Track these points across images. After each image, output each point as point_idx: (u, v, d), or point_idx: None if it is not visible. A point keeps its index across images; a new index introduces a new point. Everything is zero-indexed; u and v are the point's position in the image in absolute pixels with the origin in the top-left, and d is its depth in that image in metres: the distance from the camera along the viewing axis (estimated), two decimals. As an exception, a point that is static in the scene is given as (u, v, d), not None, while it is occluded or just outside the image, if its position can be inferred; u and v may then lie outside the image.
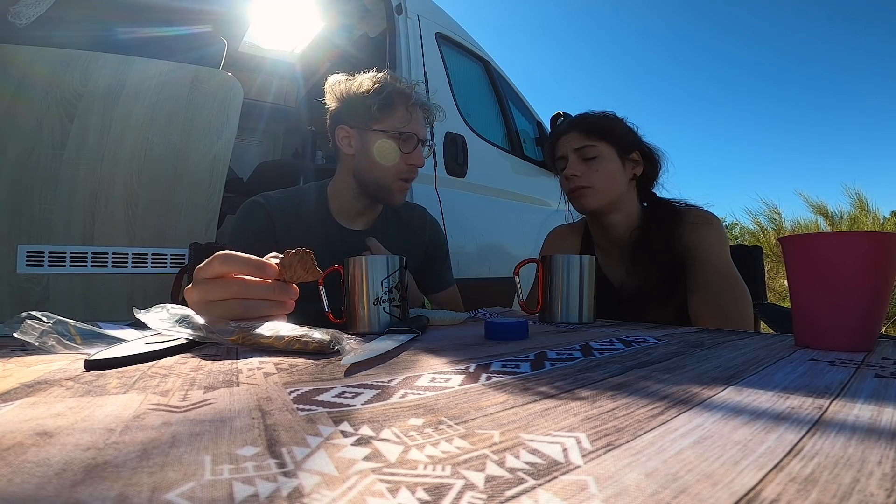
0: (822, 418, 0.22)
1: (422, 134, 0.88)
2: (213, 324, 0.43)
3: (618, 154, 0.92)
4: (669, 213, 0.92)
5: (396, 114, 0.86)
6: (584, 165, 0.92)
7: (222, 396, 0.26)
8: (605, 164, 0.91)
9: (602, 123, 0.94)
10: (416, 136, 0.87)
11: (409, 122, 0.86)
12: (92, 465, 0.16)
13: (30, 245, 1.18)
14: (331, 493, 0.14)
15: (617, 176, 0.92)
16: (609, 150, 0.92)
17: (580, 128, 0.94)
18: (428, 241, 1.05)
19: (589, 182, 0.91)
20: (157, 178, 1.30)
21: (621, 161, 0.92)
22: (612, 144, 0.92)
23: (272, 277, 0.50)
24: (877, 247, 0.42)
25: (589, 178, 0.91)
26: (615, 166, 0.92)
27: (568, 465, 0.17)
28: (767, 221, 5.09)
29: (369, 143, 0.87)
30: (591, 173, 0.91)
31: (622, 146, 0.93)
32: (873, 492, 0.15)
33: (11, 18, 1.29)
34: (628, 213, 0.94)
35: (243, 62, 2.59)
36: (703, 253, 0.85)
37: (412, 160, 0.87)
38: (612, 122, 0.95)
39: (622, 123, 0.96)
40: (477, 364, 0.37)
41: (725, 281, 0.83)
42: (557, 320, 0.71)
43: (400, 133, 0.86)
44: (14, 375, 0.31)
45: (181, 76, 1.35)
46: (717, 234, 0.87)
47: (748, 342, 0.49)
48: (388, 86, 0.86)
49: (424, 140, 0.88)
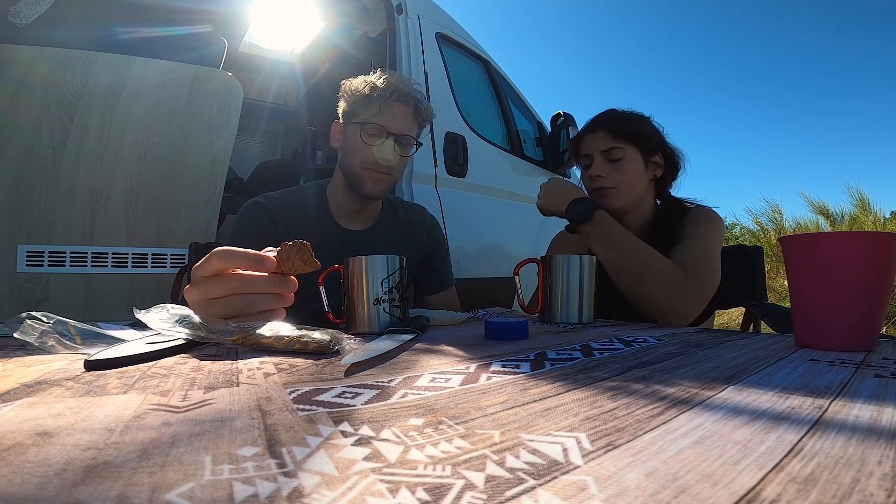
0: (822, 418, 0.22)
1: (394, 128, 0.87)
2: (212, 324, 0.43)
3: (642, 156, 0.94)
4: (679, 212, 0.94)
5: (371, 107, 0.87)
6: (610, 167, 0.93)
7: (222, 396, 0.26)
8: (630, 166, 0.93)
9: (630, 125, 0.95)
10: (385, 129, 0.86)
11: (377, 115, 0.87)
12: (92, 466, 0.16)
13: (30, 245, 1.18)
14: (331, 493, 0.14)
15: (640, 177, 0.94)
16: (634, 152, 0.93)
17: (608, 128, 0.94)
18: (427, 241, 1.04)
19: (613, 183, 0.93)
20: (157, 177, 1.30)
21: (644, 163, 0.94)
22: (638, 146, 0.94)
23: (271, 270, 0.50)
24: (877, 247, 0.42)
25: (613, 179, 0.93)
26: (639, 168, 0.94)
27: (568, 465, 0.17)
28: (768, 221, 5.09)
29: (348, 135, 0.91)
30: (616, 175, 0.93)
31: (647, 148, 0.94)
32: (873, 492, 0.15)
33: (11, 18, 1.29)
34: (643, 212, 0.97)
35: (243, 62, 2.59)
36: (693, 238, 0.87)
37: (378, 152, 0.87)
38: (639, 123, 0.96)
39: (648, 124, 0.97)
40: (477, 364, 0.37)
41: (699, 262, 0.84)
42: (557, 320, 0.71)
43: (364, 123, 0.87)
44: (14, 375, 0.31)
45: (181, 76, 1.34)
46: (713, 230, 0.89)
47: (748, 342, 0.49)
48: (374, 83, 0.88)
49: (398, 135, 0.88)
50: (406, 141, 0.90)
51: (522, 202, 2.16)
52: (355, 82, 0.90)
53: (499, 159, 2.07)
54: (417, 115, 0.91)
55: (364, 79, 0.89)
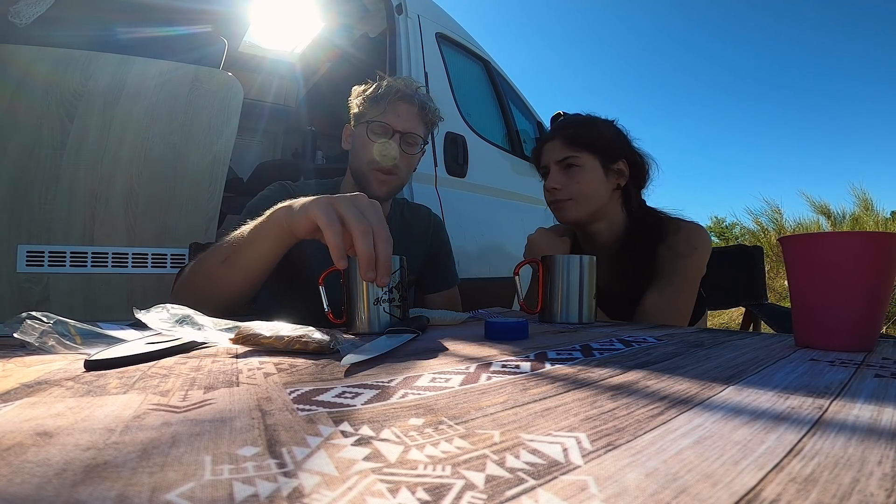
0: (822, 418, 0.22)
1: (399, 126, 0.88)
2: (214, 323, 0.43)
3: (601, 164, 0.89)
4: (654, 226, 0.89)
5: (377, 107, 0.90)
6: (566, 177, 0.89)
7: (222, 396, 0.26)
8: (586, 175, 0.88)
9: (586, 132, 0.90)
10: (391, 126, 0.88)
11: (382, 113, 0.89)
12: (92, 465, 0.16)
13: (30, 245, 1.17)
14: (331, 493, 0.14)
15: (598, 187, 0.89)
16: (592, 161, 0.89)
17: (563, 136, 0.90)
18: (431, 241, 1.06)
19: (569, 195, 0.89)
20: (157, 177, 1.30)
21: (604, 171, 0.89)
22: (596, 154, 0.89)
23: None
24: (877, 247, 0.42)
25: (569, 190, 0.89)
26: (597, 177, 0.89)
27: (568, 465, 0.17)
28: (768, 221, 5.09)
29: (356, 136, 0.93)
30: (572, 185, 0.88)
31: (607, 155, 0.89)
32: (873, 492, 0.15)
33: (11, 18, 1.29)
34: (612, 221, 0.92)
35: (243, 62, 2.59)
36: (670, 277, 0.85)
37: (383, 149, 0.88)
38: (597, 129, 0.91)
39: (609, 129, 0.92)
40: (477, 364, 0.37)
41: (673, 311, 0.84)
42: (557, 320, 0.71)
43: (369, 122, 0.89)
44: (14, 375, 0.31)
45: (181, 76, 1.34)
46: (693, 266, 0.86)
47: (748, 342, 0.49)
48: (381, 85, 0.91)
49: (403, 133, 0.89)
50: (412, 139, 0.91)
51: (522, 202, 2.15)
52: (364, 86, 0.93)
53: (499, 159, 2.07)
54: (423, 115, 0.92)
55: (371, 82, 0.93)
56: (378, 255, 0.51)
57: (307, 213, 0.54)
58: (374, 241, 0.51)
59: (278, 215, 0.59)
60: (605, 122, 0.93)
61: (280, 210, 0.59)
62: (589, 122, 0.93)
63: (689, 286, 0.86)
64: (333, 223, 0.51)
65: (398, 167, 0.90)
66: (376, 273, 0.51)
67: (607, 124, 0.93)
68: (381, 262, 0.51)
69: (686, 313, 0.86)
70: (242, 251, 0.62)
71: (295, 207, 0.56)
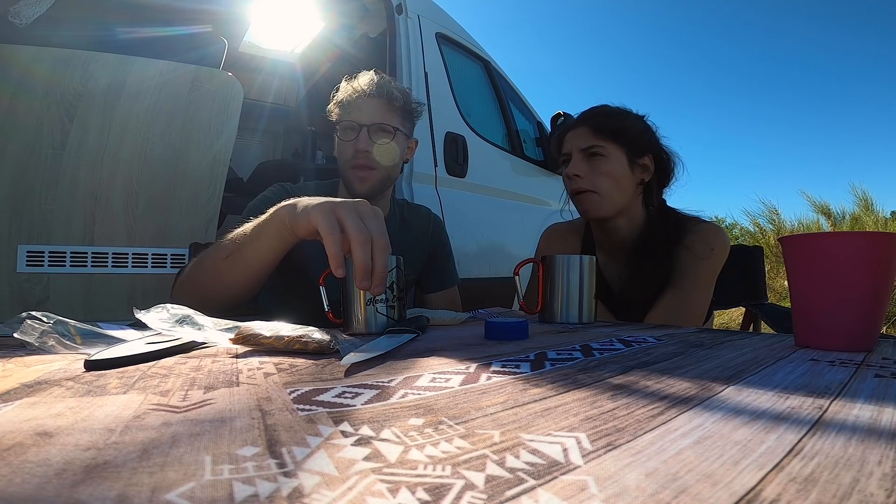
0: (822, 418, 0.22)
1: (365, 119, 0.89)
2: (214, 323, 0.43)
3: (627, 157, 0.86)
4: (674, 227, 0.87)
5: (343, 109, 0.92)
6: (588, 166, 0.86)
7: (222, 396, 0.26)
8: (611, 167, 0.85)
9: (615, 122, 0.87)
10: (357, 122, 0.90)
11: (349, 113, 0.91)
12: (92, 466, 0.16)
13: (30, 245, 1.17)
14: (331, 493, 0.14)
15: (623, 181, 0.86)
16: (618, 153, 0.85)
17: (591, 123, 0.87)
18: (431, 241, 1.06)
19: (592, 186, 0.85)
20: (157, 177, 1.30)
21: (630, 165, 0.86)
22: (623, 146, 0.85)
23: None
24: (876, 247, 0.42)
25: (592, 181, 0.85)
26: (621, 170, 0.85)
27: (568, 465, 0.17)
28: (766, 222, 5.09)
29: (336, 142, 0.95)
30: (595, 176, 0.85)
31: (633, 149, 0.86)
32: (873, 492, 0.15)
33: (11, 18, 1.29)
34: (631, 217, 0.90)
35: (243, 62, 2.59)
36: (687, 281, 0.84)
37: (354, 145, 0.89)
38: (627, 120, 0.88)
39: (639, 122, 0.89)
40: (477, 364, 0.37)
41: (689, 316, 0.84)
42: (557, 320, 0.71)
43: (338, 123, 0.92)
44: (14, 375, 0.31)
45: (181, 76, 1.34)
46: (711, 268, 0.85)
47: (748, 342, 0.49)
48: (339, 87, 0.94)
49: (369, 125, 0.89)
50: (381, 128, 0.91)
51: (522, 202, 2.16)
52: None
53: (499, 159, 2.07)
54: (391, 105, 0.91)
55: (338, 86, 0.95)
56: (375, 265, 0.51)
57: (308, 216, 0.54)
58: (373, 250, 0.51)
59: (281, 213, 0.59)
60: (635, 116, 0.91)
61: (283, 208, 0.59)
62: (619, 113, 0.90)
63: (705, 288, 0.85)
64: (334, 231, 0.51)
65: (375, 160, 0.89)
66: (371, 283, 0.51)
67: (638, 118, 0.90)
68: (377, 272, 0.51)
69: (700, 315, 0.85)
70: (245, 248, 0.62)
71: (298, 208, 0.57)
